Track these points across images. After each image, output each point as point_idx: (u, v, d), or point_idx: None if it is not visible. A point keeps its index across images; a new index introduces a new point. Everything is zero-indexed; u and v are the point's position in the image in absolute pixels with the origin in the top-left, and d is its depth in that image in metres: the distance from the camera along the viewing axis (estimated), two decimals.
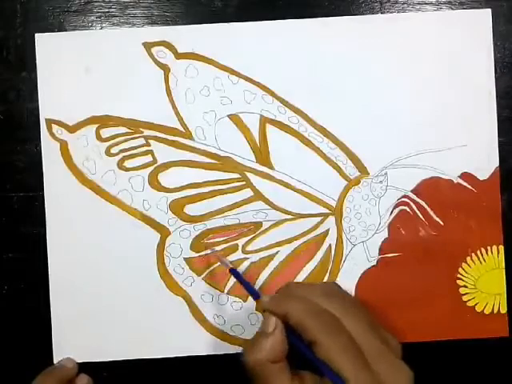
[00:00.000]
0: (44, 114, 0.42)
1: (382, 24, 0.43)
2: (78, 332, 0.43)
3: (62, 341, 0.43)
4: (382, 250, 0.43)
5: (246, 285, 0.39)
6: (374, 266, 0.43)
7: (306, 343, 0.32)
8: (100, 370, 0.43)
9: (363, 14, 0.43)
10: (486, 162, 0.43)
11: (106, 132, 0.43)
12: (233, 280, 0.43)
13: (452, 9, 0.43)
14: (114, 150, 0.43)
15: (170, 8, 0.43)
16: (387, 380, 0.31)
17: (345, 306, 0.33)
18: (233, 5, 0.43)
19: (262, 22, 0.43)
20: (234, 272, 0.40)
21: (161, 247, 0.43)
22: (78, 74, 0.42)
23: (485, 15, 0.43)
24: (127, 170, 0.43)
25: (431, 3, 0.43)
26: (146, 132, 0.43)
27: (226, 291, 0.43)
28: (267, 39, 0.43)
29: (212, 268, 0.43)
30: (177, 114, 0.43)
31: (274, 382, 0.32)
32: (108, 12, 0.43)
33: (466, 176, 0.43)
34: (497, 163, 0.43)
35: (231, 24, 0.43)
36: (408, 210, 0.43)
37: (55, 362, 0.42)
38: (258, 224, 0.43)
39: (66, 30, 0.43)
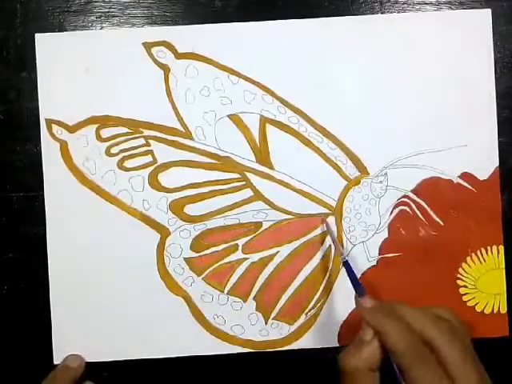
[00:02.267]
0: (44, 114, 0.42)
1: (382, 24, 0.43)
2: (77, 332, 0.43)
3: (62, 341, 0.43)
4: (382, 250, 0.43)
5: (352, 278, 0.38)
6: (374, 266, 0.43)
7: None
8: (100, 370, 0.43)
9: (363, 14, 0.43)
10: (485, 162, 0.43)
11: (106, 132, 0.43)
12: (233, 280, 0.43)
13: (452, 9, 0.43)
14: (114, 150, 0.43)
15: (169, 8, 0.43)
16: None
17: (450, 335, 0.32)
18: (233, 5, 0.43)
19: (262, 22, 0.43)
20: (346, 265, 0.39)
21: (161, 247, 0.43)
22: (78, 74, 0.42)
23: (485, 15, 0.43)
24: (127, 170, 0.43)
25: (431, 3, 0.43)
26: (146, 132, 0.43)
27: (225, 291, 0.43)
28: (267, 39, 0.43)
29: (212, 268, 0.43)
30: (177, 114, 0.43)
31: None
32: (108, 12, 0.43)
33: (466, 176, 0.43)
34: (497, 163, 0.43)
35: (231, 24, 0.43)
36: (408, 210, 0.43)
37: (55, 362, 0.42)
38: (258, 224, 0.43)
39: (66, 30, 0.43)
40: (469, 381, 0.30)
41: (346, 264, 0.39)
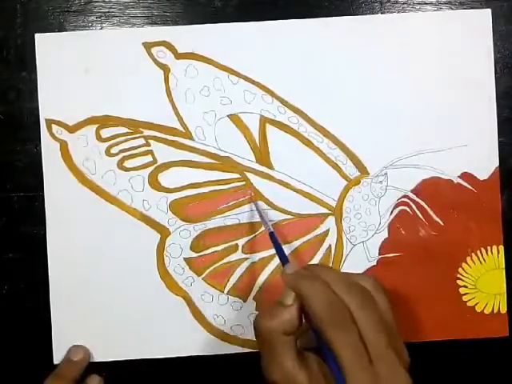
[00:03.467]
0: (44, 114, 0.42)
1: (382, 24, 0.43)
2: (78, 332, 0.43)
3: (62, 341, 0.43)
4: (381, 250, 0.43)
5: (277, 247, 0.38)
6: (374, 266, 0.43)
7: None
8: (100, 370, 0.43)
9: (363, 14, 0.43)
10: (485, 162, 0.43)
11: (105, 132, 0.42)
12: (233, 280, 0.43)
13: (452, 9, 0.43)
14: (113, 150, 0.43)
15: (169, 8, 0.43)
16: (385, 383, 0.31)
17: (363, 300, 0.33)
18: (233, 5, 0.43)
19: (261, 22, 0.43)
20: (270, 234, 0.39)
21: (161, 247, 0.43)
22: (77, 74, 0.42)
23: (485, 15, 0.43)
24: (127, 170, 0.43)
25: (431, 3, 0.43)
26: (146, 132, 0.43)
27: (225, 291, 0.43)
28: (267, 39, 0.43)
29: (212, 268, 0.43)
30: (177, 114, 0.43)
31: (281, 353, 0.32)
32: (108, 12, 0.43)
33: (466, 176, 0.43)
34: (497, 163, 0.43)
35: (231, 24, 0.43)
36: (408, 210, 0.43)
37: (55, 362, 0.42)
38: (258, 224, 0.43)
39: (66, 30, 0.43)
40: (378, 346, 0.31)
41: (272, 235, 0.38)
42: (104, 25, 0.43)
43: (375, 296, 0.33)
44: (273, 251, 0.43)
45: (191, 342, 0.43)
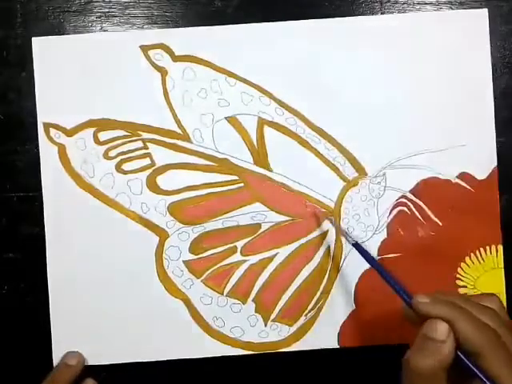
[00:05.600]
0: (42, 118, 0.42)
1: (382, 24, 0.43)
2: (77, 334, 0.43)
3: (61, 341, 0.43)
4: (380, 251, 0.43)
5: (392, 283, 0.37)
6: None
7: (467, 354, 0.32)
8: (99, 372, 0.43)
9: (363, 14, 0.43)
10: (484, 162, 0.43)
11: (103, 135, 0.42)
12: (232, 282, 0.43)
13: (452, 9, 0.43)
14: (111, 153, 0.43)
15: (169, 8, 0.43)
16: None
17: (501, 321, 0.33)
18: (233, 5, 0.43)
19: (258, 25, 0.42)
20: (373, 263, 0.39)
21: (159, 250, 0.43)
22: (75, 77, 0.42)
23: (482, 15, 0.43)
24: (125, 172, 0.43)
25: (431, 3, 0.43)
26: (144, 135, 0.43)
27: (225, 293, 0.43)
28: (264, 41, 0.42)
29: (211, 270, 0.43)
30: (174, 116, 0.42)
31: None
32: (108, 12, 0.43)
33: (464, 176, 0.43)
34: (495, 163, 0.43)
35: (228, 26, 0.42)
36: (406, 210, 0.43)
37: (55, 363, 0.43)
38: (257, 226, 0.43)
39: (65, 31, 0.42)
40: None
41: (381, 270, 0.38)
42: (104, 25, 0.43)
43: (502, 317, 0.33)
44: (272, 253, 0.43)
45: (190, 345, 0.43)
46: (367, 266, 0.43)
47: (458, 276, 0.43)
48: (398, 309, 0.43)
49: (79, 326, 0.43)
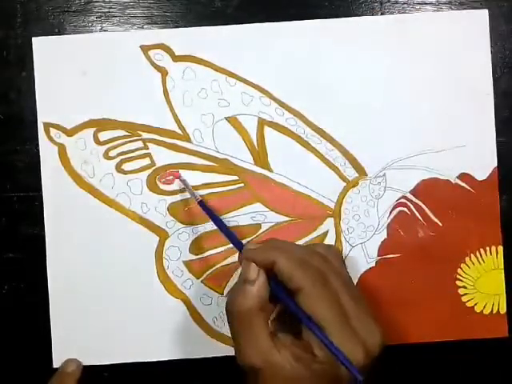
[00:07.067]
0: (42, 118, 0.42)
1: (382, 24, 0.43)
2: (77, 334, 0.43)
3: (61, 342, 0.43)
4: (380, 251, 0.43)
5: (226, 232, 0.38)
6: (373, 267, 0.43)
7: (288, 293, 0.33)
8: (100, 371, 0.43)
9: (363, 15, 0.43)
10: (484, 163, 0.43)
11: (104, 135, 0.42)
12: (232, 282, 0.43)
13: (452, 9, 0.43)
14: (112, 153, 0.43)
15: (170, 8, 0.43)
16: (363, 336, 0.32)
17: (331, 266, 0.34)
18: (233, 5, 0.43)
19: (258, 25, 0.42)
20: (205, 209, 0.40)
21: (159, 250, 0.43)
22: (75, 77, 0.42)
23: (482, 15, 0.42)
24: (125, 173, 0.43)
25: (431, 3, 0.43)
26: (144, 135, 0.43)
27: (225, 294, 0.43)
28: (264, 41, 0.42)
29: (211, 270, 0.43)
30: (174, 116, 0.42)
31: (257, 333, 0.32)
32: (108, 12, 0.43)
33: (464, 176, 0.43)
34: (495, 163, 0.43)
35: (228, 26, 0.42)
36: (406, 211, 0.43)
37: (54, 363, 0.43)
38: (257, 226, 0.43)
39: (65, 31, 0.42)
40: (350, 305, 0.33)
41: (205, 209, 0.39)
42: (104, 25, 0.43)
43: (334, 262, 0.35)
44: None
45: (190, 345, 0.43)
46: (367, 266, 0.43)
47: (457, 277, 0.43)
48: (398, 309, 0.43)
49: (79, 326, 0.43)
